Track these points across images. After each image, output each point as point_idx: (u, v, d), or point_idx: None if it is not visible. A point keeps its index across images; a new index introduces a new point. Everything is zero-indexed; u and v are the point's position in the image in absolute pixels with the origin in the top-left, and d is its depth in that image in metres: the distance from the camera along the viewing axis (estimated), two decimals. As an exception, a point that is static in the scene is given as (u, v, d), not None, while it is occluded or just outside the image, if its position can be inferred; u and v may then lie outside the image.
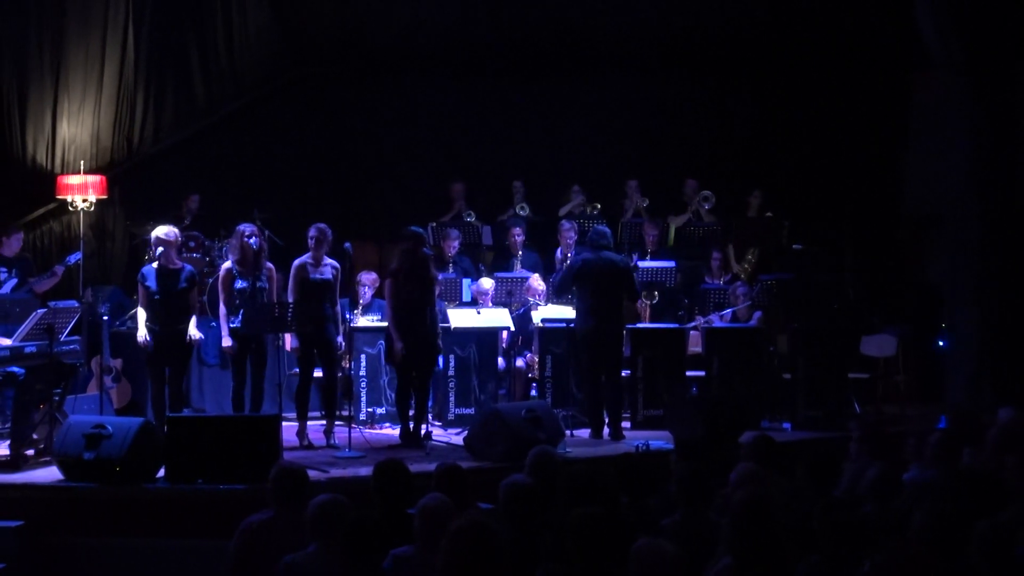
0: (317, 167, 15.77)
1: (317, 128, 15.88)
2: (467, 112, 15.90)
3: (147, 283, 10.57)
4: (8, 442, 10.25)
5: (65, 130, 14.45)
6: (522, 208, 14.83)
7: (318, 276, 10.82)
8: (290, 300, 10.73)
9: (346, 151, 15.84)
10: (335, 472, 9.47)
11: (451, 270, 13.25)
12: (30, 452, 10.19)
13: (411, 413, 10.96)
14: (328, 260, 10.92)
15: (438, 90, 15.91)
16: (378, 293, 12.52)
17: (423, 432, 10.84)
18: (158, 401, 10.61)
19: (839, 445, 9.14)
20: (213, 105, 15.44)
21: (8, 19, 14.02)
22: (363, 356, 12.12)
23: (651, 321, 13.06)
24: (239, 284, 10.63)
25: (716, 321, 12.61)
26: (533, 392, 12.25)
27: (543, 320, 12.25)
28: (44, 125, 14.40)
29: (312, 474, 8.61)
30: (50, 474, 9.42)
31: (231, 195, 14.72)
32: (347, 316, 11.54)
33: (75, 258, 12.80)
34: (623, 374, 11.74)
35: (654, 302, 13.32)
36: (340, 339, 10.98)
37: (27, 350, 10.12)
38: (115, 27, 14.54)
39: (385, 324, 11.56)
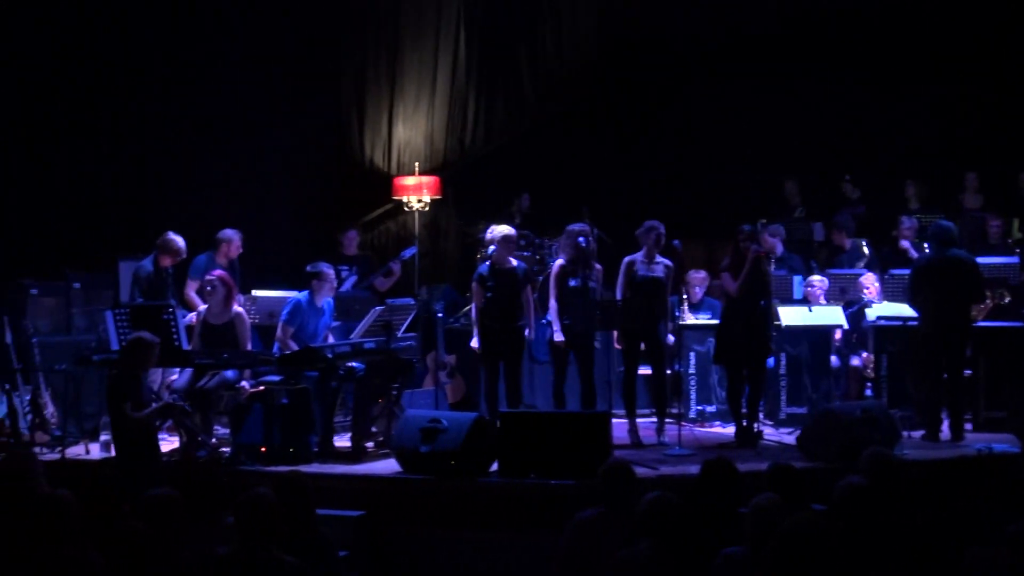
0: (643, 165, 15.80)
1: (641, 127, 15.90)
2: (791, 106, 15.57)
3: (482, 281, 10.85)
4: (349, 435, 10.73)
5: (400, 133, 15.00)
6: (853, 203, 14.47)
7: (647, 273, 10.84)
8: (618, 297, 10.81)
9: (672, 149, 15.79)
10: (665, 469, 9.46)
11: (778, 268, 13.05)
12: (370, 445, 10.62)
13: (743, 411, 10.86)
14: (661, 258, 10.94)
15: (762, 85, 15.64)
16: (708, 291, 12.48)
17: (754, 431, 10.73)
18: (491, 396, 10.84)
19: None
20: (542, 105, 15.68)
21: (349, 33, 14.69)
22: (692, 354, 12.09)
23: (992, 319, 12.49)
24: (571, 282, 10.74)
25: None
26: (868, 392, 11.93)
27: (878, 317, 11.91)
28: (381, 129, 15.00)
29: (641, 471, 8.69)
30: (389, 466, 9.75)
31: (559, 194, 14.90)
32: (676, 314, 11.53)
33: (410, 252, 13.21)
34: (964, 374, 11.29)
35: (1005, 301, 12.69)
36: (671, 337, 10.97)
37: (366, 346, 10.54)
38: (447, 34, 14.99)
39: (715, 323, 11.52)
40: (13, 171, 13.05)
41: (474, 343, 10.88)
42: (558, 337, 10.78)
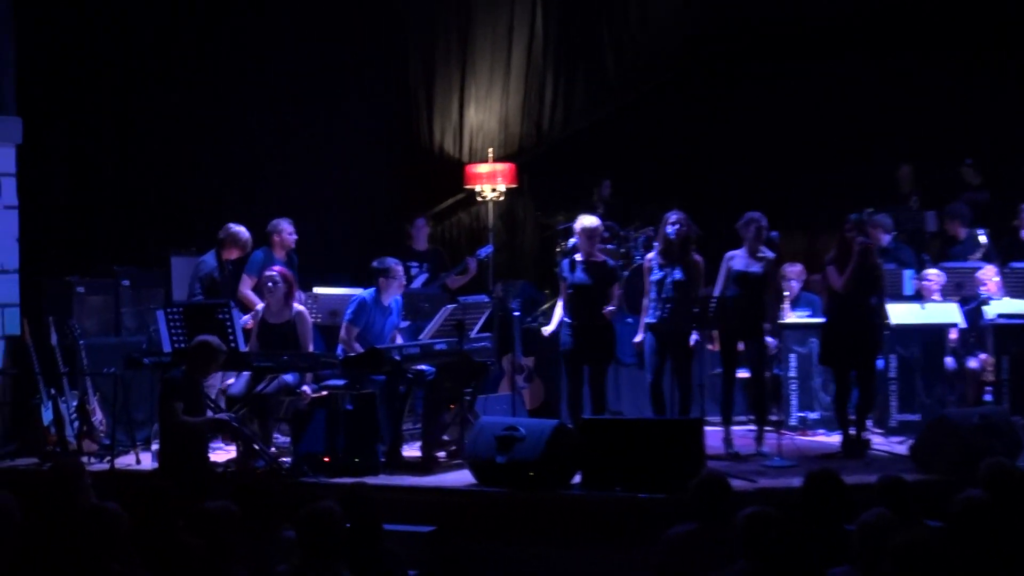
0: (733, 151, 15.65)
1: (732, 110, 15.72)
2: (903, 85, 15.36)
3: (564, 275, 10.84)
4: (419, 444, 10.76)
5: (472, 117, 15.05)
6: (973, 189, 14.26)
7: (745, 269, 10.75)
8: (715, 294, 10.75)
9: (765, 135, 15.60)
10: (764, 482, 9.42)
11: (886, 261, 12.90)
12: (441, 455, 10.66)
13: (851, 418, 10.76)
14: (765, 251, 10.86)
15: (871, 63, 15.44)
16: (806, 286, 12.38)
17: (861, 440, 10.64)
18: (574, 402, 10.84)
19: None
20: (625, 86, 15.58)
21: (416, 7, 14.72)
22: (792, 356, 11.99)
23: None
24: (657, 275, 10.71)
25: None
26: (987, 397, 11.78)
27: (998, 315, 11.73)
28: (451, 113, 15.05)
29: (738, 484, 8.67)
30: (462, 477, 9.77)
31: (644, 181, 14.86)
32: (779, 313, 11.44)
33: (487, 251, 13.26)
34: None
35: None
36: (771, 340, 10.90)
37: (437, 347, 10.58)
38: (522, 8, 15.00)
39: (815, 321, 11.41)
40: (57, 161, 13.20)
41: (546, 329, 10.91)
42: (638, 337, 10.76)
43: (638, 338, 10.77)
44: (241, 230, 11.70)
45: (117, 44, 13.60)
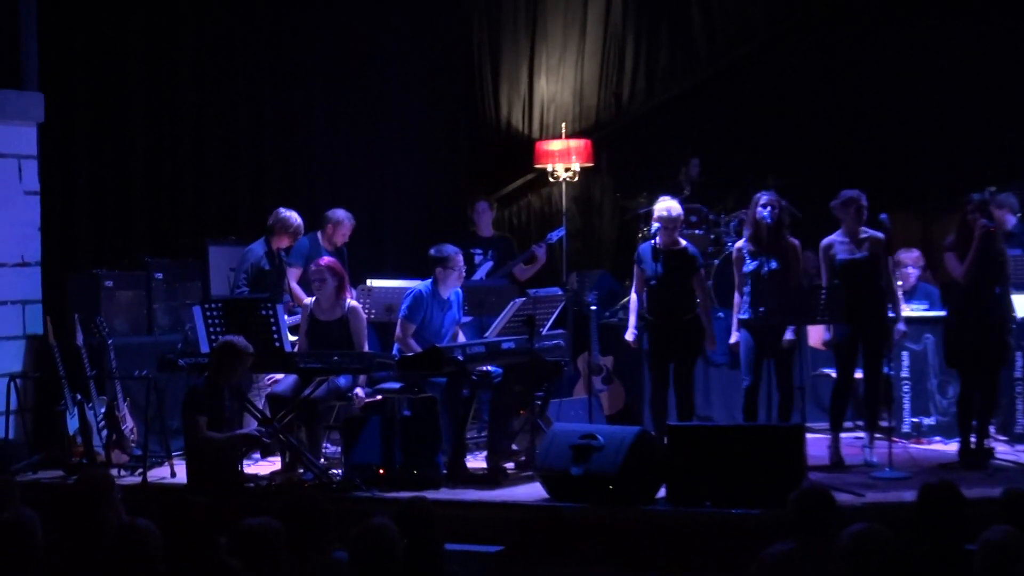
0: (836, 124, 15.46)
1: (833, 78, 15.52)
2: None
3: (643, 265, 10.81)
4: (484, 454, 10.78)
5: (544, 88, 15.04)
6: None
7: (849, 255, 10.65)
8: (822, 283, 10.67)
9: (872, 105, 15.41)
10: (872, 496, 9.37)
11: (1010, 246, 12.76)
12: (510, 466, 10.68)
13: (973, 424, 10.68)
14: (867, 231, 10.70)
15: (994, 19, 15.23)
16: (924, 276, 12.29)
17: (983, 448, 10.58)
18: (658, 406, 10.83)
19: None
20: (716, 53, 15.45)
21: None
22: (905, 354, 11.89)
23: None
24: (750, 265, 10.66)
25: None
26: None
27: None
28: (520, 83, 15.06)
29: (843, 498, 8.65)
30: (532, 491, 9.78)
31: (738, 159, 14.75)
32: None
33: (558, 234, 13.24)
34: None
35: None
36: (901, 326, 10.80)
37: (504, 346, 10.57)
38: (600, -36, 14.98)
39: (933, 314, 11.31)
40: (83, 142, 13.31)
41: (629, 336, 10.88)
42: (733, 337, 10.73)
43: (733, 338, 10.72)
44: (292, 215, 11.75)
45: (149, 13, 13.70)
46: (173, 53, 13.90)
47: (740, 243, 10.86)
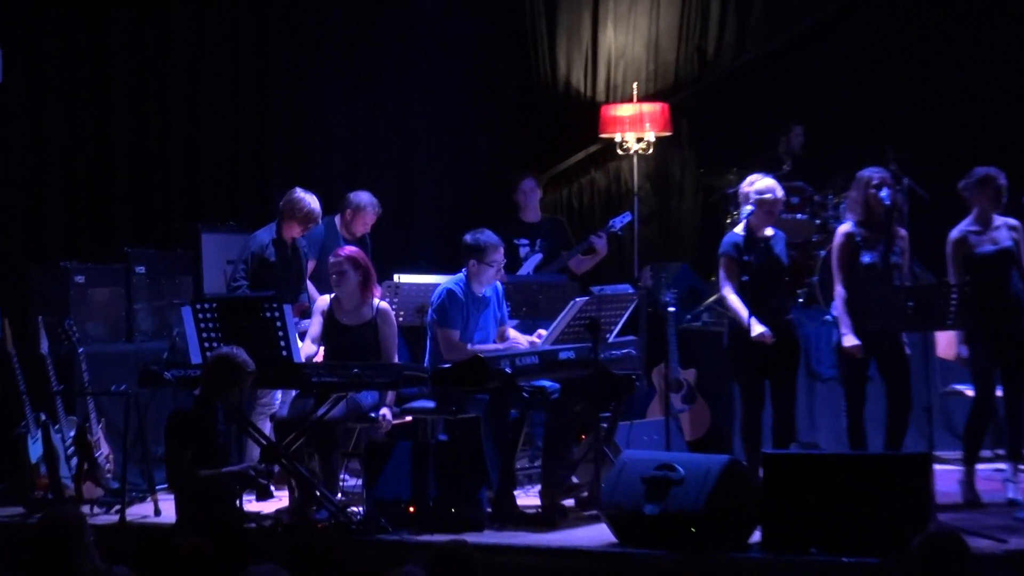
0: (967, 87, 15.32)
1: (971, 30, 15.38)
2: None
3: (732, 256, 10.70)
4: (538, 488, 10.68)
5: (611, 42, 14.98)
6: None
7: (988, 248, 10.61)
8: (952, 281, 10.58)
9: (1008, 65, 15.26)
10: (1016, 541, 9.21)
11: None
12: (569, 503, 10.62)
13: None
14: (1001, 218, 10.68)
15: None
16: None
17: None
18: (751, 430, 10.78)
19: None
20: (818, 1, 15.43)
21: None
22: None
23: None
24: (865, 258, 10.58)
25: None
26: None
27: None
28: (581, 37, 15.06)
29: (979, 543, 8.62)
30: (598, 534, 9.73)
31: (848, 128, 14.63)
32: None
33: (621, 221, 13.19)
34: None
35: None
36: None
37: (562, 356, 10.47)
38: None
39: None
40: (51, 108, 13.31)
41: (756, 331, 10.55)
42: (848, 341, 10.60)
43: (848, 342, 10.58)
44: (306, 199, 11.59)
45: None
46: (165, 2, 13.89)
47: (847, 227, 10.78)
